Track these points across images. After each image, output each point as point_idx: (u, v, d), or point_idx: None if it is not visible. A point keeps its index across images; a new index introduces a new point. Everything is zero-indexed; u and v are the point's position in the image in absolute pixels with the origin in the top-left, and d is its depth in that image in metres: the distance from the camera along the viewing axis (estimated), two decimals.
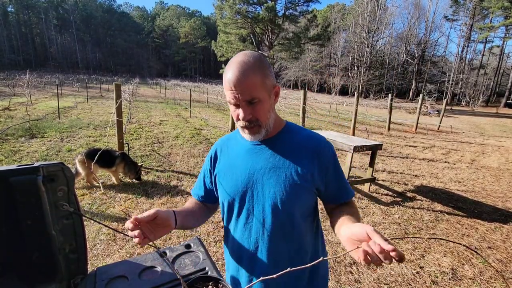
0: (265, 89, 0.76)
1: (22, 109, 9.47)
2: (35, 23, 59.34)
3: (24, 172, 0.70)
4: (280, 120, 0.88)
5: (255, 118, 0.77)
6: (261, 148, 0.85)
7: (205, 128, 8.49)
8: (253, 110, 0.76)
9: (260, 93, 0.75)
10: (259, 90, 0.74)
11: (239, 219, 0.86)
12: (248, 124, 0.77)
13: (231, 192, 0.86)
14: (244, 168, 0.85)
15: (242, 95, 0.73)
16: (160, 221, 0.73)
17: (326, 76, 48.64)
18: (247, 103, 0.75)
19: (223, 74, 0.79)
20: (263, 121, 0.78)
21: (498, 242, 2.88)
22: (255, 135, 0.80)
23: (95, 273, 0.88)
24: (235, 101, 0.75)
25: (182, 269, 0.93)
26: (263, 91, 0.76)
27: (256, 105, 0.75)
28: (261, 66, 0.75)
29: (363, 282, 2.19)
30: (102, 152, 3.45)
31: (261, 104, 0.76)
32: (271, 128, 0.82)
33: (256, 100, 0.75)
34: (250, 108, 0.75)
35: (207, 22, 79.81)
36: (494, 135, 11.17)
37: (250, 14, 29.31)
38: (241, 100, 0.74)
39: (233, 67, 0.73)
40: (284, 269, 0.74)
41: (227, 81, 0.74)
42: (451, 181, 4.85)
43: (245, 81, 0.72)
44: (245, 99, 0.74)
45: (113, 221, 2.89)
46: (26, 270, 0.74)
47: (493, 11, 32.49)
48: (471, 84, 37.75)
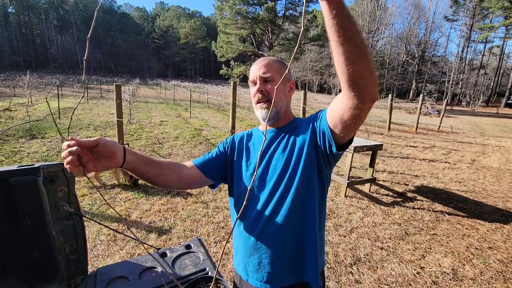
0: (280, 75, 0.91)
1: (23, 109, 9.48)
2: (35, 24, 59.40)
3: (25, 173, 0.70)
4: (291, 115, 1.00)
5: (267, 93, 0.91)
6: (272, 137, 0.96)
7: (205, 129, 8.49)
8: (266, 86, 0.91)
9: (275, 74, 0.91)
10: (275, 73, 0.91)
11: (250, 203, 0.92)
12: (261, 97, 0.91)
13: (244, 178, 0.94)
14: (256, 155, 0.95)
15: (260, 71, 0.90)
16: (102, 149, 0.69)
17: (326, 77, 48.62)
18: (263, 80, 0.91)
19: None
20: (274, 98, 0.82)
21: (499, 243, 2.87)
22: (266, 110, 0.91)
23: (96, 274, 0.88)
24: (253, 78, 0.92)
25: (182, 269, 0.93)
26: (278, 75, 0.91)
27: (270, 83, 0.91)
28: (280, 61, 0.95)
29: (363, 283, 2.19)
30: None
31: (274, 84, 0.90)
32: (281, 111, 0.94)
33: (271, 79, 0.90)
34: (264, 84, 0.91)
35: (207, 23, 79.84)
36: (494, 135, 11.15)
37: (250, 14, 29.33)
38: (258, 76, 0.91)
39: (258, 60, 0.94)
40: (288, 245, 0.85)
41: (252, 68, 0.94)
42: (451, 181, 4.85)
43: (265, 63, 0.91)
44: (262, 76, 0.90)
45: (113, 222, 2.89)
46: (26, 271, 0.74)
47: (493, 11, 32.49)
48: (471, 84, 37.73)
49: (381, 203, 3.73)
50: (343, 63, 0.59)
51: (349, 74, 0.60)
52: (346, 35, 0.55)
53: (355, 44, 0.56)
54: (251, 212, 0.91)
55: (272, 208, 0.87)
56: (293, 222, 0.86)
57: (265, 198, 0.89)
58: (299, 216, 0.87)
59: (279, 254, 0.88)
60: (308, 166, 0.86)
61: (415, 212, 3.49)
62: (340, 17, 0.54)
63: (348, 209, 3.49)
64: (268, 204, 0.88)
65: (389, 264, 2.43)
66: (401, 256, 2.56)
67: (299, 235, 0.88)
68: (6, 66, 47.55)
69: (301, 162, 0.86)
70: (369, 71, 0.60)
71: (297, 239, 0.88)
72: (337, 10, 0.53)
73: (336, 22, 0.54)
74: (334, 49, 0.58)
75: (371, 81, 0.62)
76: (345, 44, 0.56)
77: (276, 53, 31.63)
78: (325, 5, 0.53)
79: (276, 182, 0.88)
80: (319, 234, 0.91)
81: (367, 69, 0.60)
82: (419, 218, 3.34)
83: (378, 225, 3.12)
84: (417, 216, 3.40)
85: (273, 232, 0.87)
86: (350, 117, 0.70)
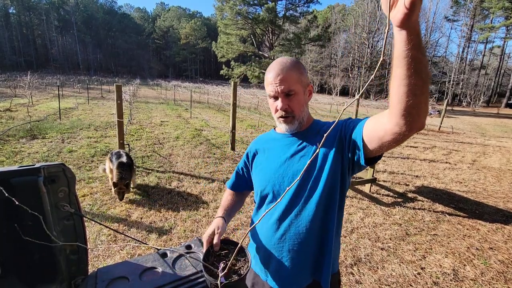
0: (301, 85, 0.88)
1: (23, 110, 9.49)
2: (36, 25, 59.51)
3: (25, 173, 0.70)
4: (311, 117, 0.98)
5: (291, 110, 0.88)
6: (291, 140, 0.95)
7: (206, 129, 8.50)
8: (289, 102, 0.87)
9: (296, 87, 0.86)
10: (296, 84, 0.86)
11: (270, 205, 0.94)
12: (284, 114, 0.88)
13: (264, 181, 0.96)
14: (276, 159, 0.95)
15: (281, 87, 0.85)
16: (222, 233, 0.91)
17: (326, 77, 48.64)
18: (285, 95, 0.86)
19: (266, 72, 0.91)
20: (297, 113, 0.89)
21: (500, 243, 2.87)
22: (289, 125, 0.91)
23: (96, 274, 0.88)
24: (274, 93, 0.87)
25: (183, 270, 0.93)
26: (299, 86, 0.87)
27: (292, 97, 0.87)
28: (297, 65, 0.88)
29: (364, 283, 2.18)
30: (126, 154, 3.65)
31: (296, 97, 0.87)
32: (304, 121, 0.92)
33: (292, 93, 0.86)
34: (287, 100, 0.87)
35: (207, 23, 79.92)
36: (495, 136, 11.14)
37: (250, 15, 29.34)
38: (280, 92, 0.86)
39: (274, 65, 0.87)
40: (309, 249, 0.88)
41: (269, 76, 0.87)
42: (452, 181, 4.84)
43: (284, 75, 0.85)
44: (284, 91, 0.85)
45: (114, 222, 2.89)
46: (27, 271, 0.74)
47: (494, 12, 32.46)
48: (472, 85, 37.69)
49: (382, 203, 3.73)
50: (404, 94, 0.57)
51: (408, 105, 0.58)
52: (417, 68, 0.53)
53: (422, 77, 0.54)
54: (273, 214, 0.92)
55: (296, 213, 0.88)
56: (315, 226, 0.87)
57: (287, 202, 0.89)
58: (321, 220, 0.87)
59: (300, 257, 0.89)
60: (332, 174, 0.85)
61: (415, 213, 3.49)
62: (416, 50, 0.51)
63: (349, 209, 3.49)
64: (292, 208, 0.89)
65: (389, 264, 2.43)
66: (402, 256, 2.56)
67: (319, 239, 0.89)
68: (7, 67, 47.64)
69: (325, 169, 0.85)
70: (426, 103, 0.59)
71: (317, 243, 0.89)
72: (415, 42, 0.51)
73: (411, 55, 0.52)
74: (398, 80, 0.56)
75: (424, 112, 0.61)
76: (412, 77, 0.54)
77: (276, 54, 31.63)
78: (403, 34, 0.50)
79: (299, 187, 0.88)
80: (336, 239, 0.92)
81: (426, 101, 0.59)
82: (420, 219, 3.34)
83: (379, 225, 3.11)
84: (417, 216, 3.40)
85: (295, 235, 0.88)
86: (391, 140, 0.68)
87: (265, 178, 0.96)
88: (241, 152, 5.94)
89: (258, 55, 33.33)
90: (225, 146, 6.35)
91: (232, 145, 6.03)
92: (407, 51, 0.52)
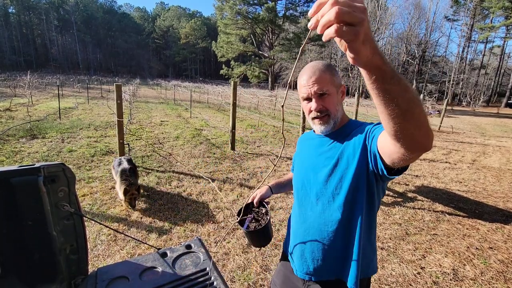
0: (334, 85, 0.90)
1: (23, 110, 9.49)
2: (36, 24, 59.48)
3: (25, 173, 0.70)
4: (346, 117, 0.99)
5: (325, 108, 0.90)
6: (323, 141, 0.99)
7: (206, 129, 8.50)
8: (323, 102, 0.90)
9: (329, 87, 0.89)
10: (329, 85, 0.89)
11: (299, 203, 1.04)
12: (319, 114, 0.91)
13: (298, 177, 1.06)
14: (308, 157, 1.02)
15: (314, 88, 0.88)
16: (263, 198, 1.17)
17: None
18: (318, 96, 0.89)
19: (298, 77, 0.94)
20: (332, 111, 0.91)
21: (500, 243, 2.87)
22: (325, 125, 0.93)
23: (96, 274, 0.88)
24: (307, 95, 0.90)
25: (183, 269, 0.93)
26: (332, 86, 0.90)
27: (326, 97, 0.89)
28: (329, 67, 0.91)
29: None
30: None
31: (330, 97, 0.90)
32: (339, 120, 0.94)
33: (326, 94, 0.89)
34: (320, 100, 0.89)
35: (207, 23, 79.86)
36: (495, 135, 11.14)
37: (250, 14, 29.34)
38: (313, 93, 0.88)
39: (307, 69, 0.91)
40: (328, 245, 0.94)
41: (302, 79, 0.90)
42: (452, 181, 4.84)
43: (317, 77, 0.88)
44: (317, 92, 0.88)
45: (114, 222, 2.89)
46: (27, 271, 0.74)
47: (494, 11, 32.45)
48: (471, 84, 37.70)
49: (382, 203, 3.73)
50: (384, 120, 0.56)
51: (393, 130, 0.56)
52: (387, 97, 0.51)
53: (397, 105, 0.51)
54: (302, 209, 1.02)
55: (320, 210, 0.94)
56: (338, 226, 0.90)
57: (315, 198, 0.96)
58: (345, 222, 0.89)
59: (320, 252, 0.94)
60: (357, 177, 0.85)
61: (415, 212, 3.49)
62: (381, 82, 0.49)
63: None
64: (317, 205, 0.95)
65: (389, 264, 2.43)
66: (402, 256, 2.56)
67: (344, 240, 0.91)
68: (6, 66, 47.63)
69: (349, 172, 0.87)
70: (416, 127, 0.55)
71: (342, 243, 0.91)
72: (377, 76, 0.48)
73: (376, 87, 0.50)
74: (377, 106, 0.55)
75: (419, 136, 0.57)
76: (386, 105, 0.52)
77: (276, 53, 31.62)
78: (363, 71, 0.49)
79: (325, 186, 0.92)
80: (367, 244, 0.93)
81: (414, 126, 0.55)
82: (420, 218, 3.34)
83: (379, 225, 3.12)
84: (417, 216, 3.40)
85: (318, 231, 0.94)
86: (399, 160, 0.67)
87: (297, 175, 1.07)
88: (241, 152, 5.94)
89: (258, 55, 33.30)
90: (225, 146, 6.35)
91: (232, 145, 6.03)
92: (371, 84, 0.50)
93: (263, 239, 1.12)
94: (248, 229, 1.06)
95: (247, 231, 1.05)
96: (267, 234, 1.10)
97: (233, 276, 2.20)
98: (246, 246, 2.58)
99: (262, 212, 1.14)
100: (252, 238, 1.10)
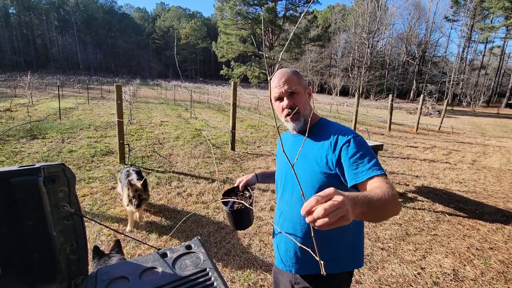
0: (301, 86, 1.02)
1: (23, 110, 9.50)
2: (36, 25, 59.50)
3: (25, 173, 0.70)
4: (316, 116, 1.08)
5: (295, 106, 0.99)
6: (297, 139, 1.09)
7: (206, 129, 8.50)
8: (293, 100, 1.00)
9: (297, 87, 1.00)
10: (297, 85, 1.00)
11: (278, 197, 1.15)
12: (290, 111, 1.00)
13: (277, 173, 1.18)
14: (284, 156, 1.09)
15: (285, 87, 0.99)
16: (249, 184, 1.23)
17: (326, 77, 48.62)
18: (288, 94, 0.99)
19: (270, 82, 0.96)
20: (301, 109, 1.01)
21: (500, 243, 2.87)
22: (296, 122, 1.02)
23: (96, 274, 0.88)
24: (279, 94, 1.00)
25: (183, 270, 0.93)
26: (300, 87, 1.01)
27: (295, 96, 1.00)
28: (295, 72, 1.04)
29: (364, 283, 2.18)
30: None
31: (299, 96, 1.00)
32: (308, 118, 1.02)
33: (295, 92, 0.99)
34: (291, 98, 1.00)
35: (207, 23, 79.91)
36: (495, 136, 11.14)
37: (250, 15, 29.37)
38: (284, 92, 0.99)
39: (277, 73, 1.03)
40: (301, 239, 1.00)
41: (273, 82, 1.01)
42: (452, 181, 4.84)
43: (286, 79, 1.00)
44: (287, 90, 0.99)
45: (114, 222, 2.89)
46: (26, 271, 0.74)
47: (494, 12, 32.46)
48: (472, 85, 37.69)
49: None
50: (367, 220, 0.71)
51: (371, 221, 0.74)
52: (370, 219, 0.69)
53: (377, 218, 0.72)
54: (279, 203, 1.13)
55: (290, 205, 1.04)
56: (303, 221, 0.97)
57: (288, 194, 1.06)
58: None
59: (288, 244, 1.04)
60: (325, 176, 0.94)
61: (415, 213, 3.49)
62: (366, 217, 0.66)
63: None
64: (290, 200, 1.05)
65: (389, 264, 2.43)
66: (402, 256, 2.56)
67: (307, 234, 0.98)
68: (7, 67, 47.63)
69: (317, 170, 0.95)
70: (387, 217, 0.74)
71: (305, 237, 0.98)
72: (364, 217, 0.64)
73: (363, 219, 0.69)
74: None
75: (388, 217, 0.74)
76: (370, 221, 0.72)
77: (276, 54, 31.64)
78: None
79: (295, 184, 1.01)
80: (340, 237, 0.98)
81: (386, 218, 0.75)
82: (420, 219, 3.34)
83: (379, 225, 3.11)
84: (417, 216, 3.40)
85: (289, 224, 1.03)
86: None
87: (277, 171, 1.19)
88: (241, 152, 5.94)
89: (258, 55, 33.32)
90: (225, 146, 6.35)
91: (232, 145, 6.03)
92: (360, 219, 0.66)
93: (245, 221, 1.16)
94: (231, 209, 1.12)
95: (230, 210, 1.10)
96: (247, 216, 1.15)
97: (233, 276, 2.20)
98: (246, 246, 2.58)
99: (246, 196, 1.20)
100: (235, 218, 1.14)
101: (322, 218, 0.50)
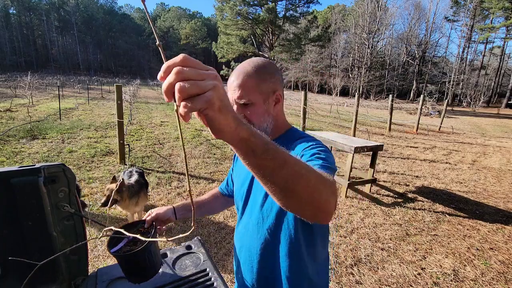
0: (260, 93, 0.77)
1: (24, 110, 9.50)
2: (36, 25, 59.56)
3: (25, 173, 0.70)
4: (283, 126, 0.88)
5: (248, 119, 0.77)
6: None
7: (206, 130, 8.49)
8: (245, 112, 0.77)
9: (252, 96, 0.76)
10: (252, 93, 0.76)
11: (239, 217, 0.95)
12: None
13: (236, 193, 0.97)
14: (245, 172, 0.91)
15: (236, 94, 0.76)
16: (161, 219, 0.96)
17: (326, 77, 48.64)
18: (240, 105, 0.77)
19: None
20: (256, 122, 0.79)
21: (500, 244, 2.87)
22: None
23: (96, 274, 0.89)
24: (231, 99, 0.77)
25: (183, 270, 0.93)
26: (257, 94, 0.77)
27: (249, 107, 0.77)
28: (259, 70, 0.77)
29: (364, 284, 2.18)
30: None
31: (254, 107, 0.77)
32: (268, 130, 0.82)
33: (248, 103, 0.76)
34: (241, 109, 0.77)
35: (207, 24, 79.99)
36: (495, 136, 11.14)
37: (250, 15, 29.38)
38: (235, 100, 0.76)
39: (236, 69, 0.80)
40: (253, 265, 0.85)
41: (229, 80, 0.79)
42: (452, 182, 4.84)
43: (240, 83, 0.75)
44: (238, 101, 0.76)
45: (114, 222, 2.89)
46: (27, 271, 0.74)
47: (494, 12, 32.48)
48: (472, 85, 37.71)
49: (382, 203, 3.72)
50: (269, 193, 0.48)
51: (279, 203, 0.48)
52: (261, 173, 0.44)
53: (274, 182, 0.44)
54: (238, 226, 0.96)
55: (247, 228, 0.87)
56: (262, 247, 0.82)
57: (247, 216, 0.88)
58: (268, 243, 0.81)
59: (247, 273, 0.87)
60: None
61: (415, 213, 3.49)
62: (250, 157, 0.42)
63: (349, 209, 3.48)
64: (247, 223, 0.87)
65: (390, 265, 2.43)
66: (402, 257, 2.56)
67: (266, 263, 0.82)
68: (7, 67, 47.68)
69: None
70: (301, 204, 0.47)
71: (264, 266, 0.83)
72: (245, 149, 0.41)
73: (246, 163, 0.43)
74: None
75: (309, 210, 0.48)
76: (262, 182, 0.45)
77: (276, 54, 31.65)
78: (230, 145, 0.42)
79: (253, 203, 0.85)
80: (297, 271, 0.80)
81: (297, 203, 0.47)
82: (420, 219, 3.34)
83: (379, 225, 3.11)
84: (417, 217, 3.40)
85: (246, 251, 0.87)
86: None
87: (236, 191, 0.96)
88: None
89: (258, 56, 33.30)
90: (225, 146, 6.35)
91: None
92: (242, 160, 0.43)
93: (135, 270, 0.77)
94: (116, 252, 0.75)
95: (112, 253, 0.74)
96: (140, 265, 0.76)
97: (233, 277, 2.19)
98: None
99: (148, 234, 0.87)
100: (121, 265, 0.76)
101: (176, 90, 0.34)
